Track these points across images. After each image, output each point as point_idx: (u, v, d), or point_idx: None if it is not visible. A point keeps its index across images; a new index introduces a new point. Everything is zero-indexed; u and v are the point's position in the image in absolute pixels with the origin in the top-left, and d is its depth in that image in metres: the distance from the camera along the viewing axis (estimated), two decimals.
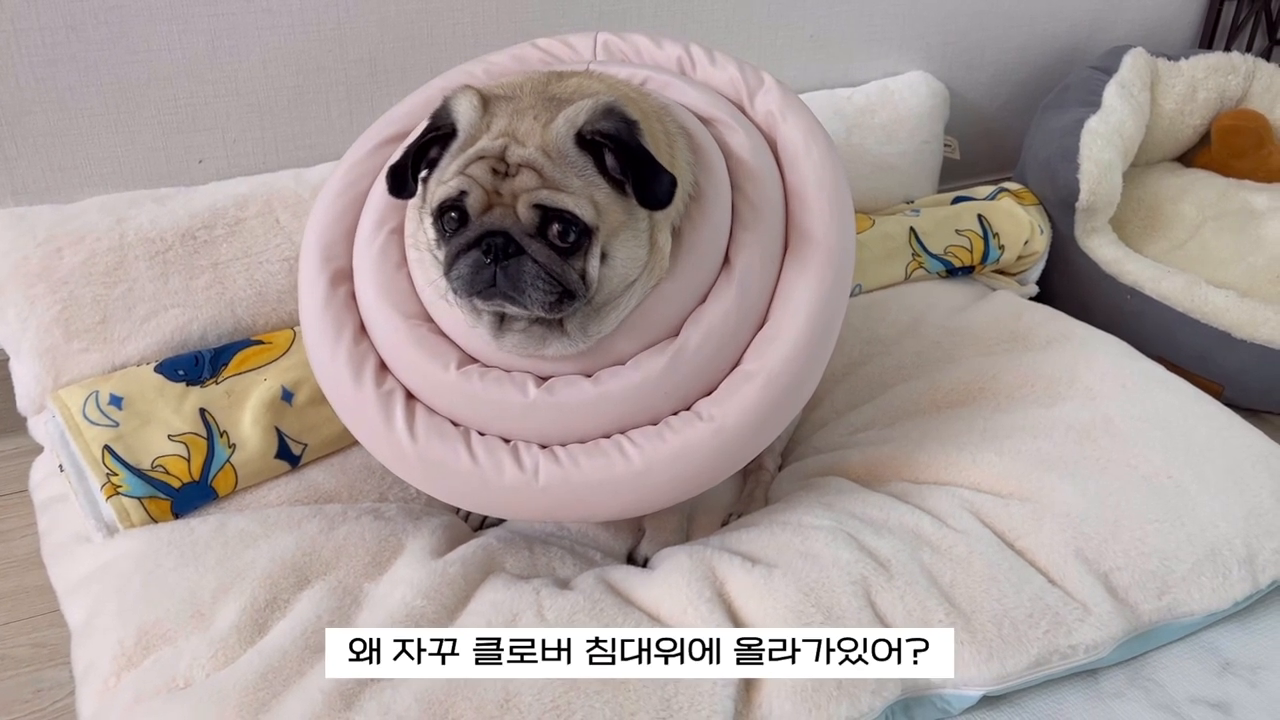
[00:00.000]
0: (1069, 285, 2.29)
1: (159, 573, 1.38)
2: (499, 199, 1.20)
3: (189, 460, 1.52)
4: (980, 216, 2.20)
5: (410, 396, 1.37)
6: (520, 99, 1.25)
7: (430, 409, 1.36)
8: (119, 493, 1.48)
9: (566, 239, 1.20)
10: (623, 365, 1.32)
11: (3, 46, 1.67)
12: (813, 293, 1.36)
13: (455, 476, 1.33)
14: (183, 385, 1.59)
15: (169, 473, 1.50)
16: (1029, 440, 1.58)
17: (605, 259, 1.23)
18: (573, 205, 1.19)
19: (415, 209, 1.37)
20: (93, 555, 1.46)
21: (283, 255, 1.76)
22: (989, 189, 2.34)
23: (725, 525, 1.58)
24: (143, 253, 1.68)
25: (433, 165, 1.27)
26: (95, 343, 1.65)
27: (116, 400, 1.54)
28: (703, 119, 1.43)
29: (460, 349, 1.36)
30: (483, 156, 1.21)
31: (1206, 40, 2.84)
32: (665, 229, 1.29)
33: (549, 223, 1.20)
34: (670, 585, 1.34)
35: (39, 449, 1.70)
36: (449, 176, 1.22)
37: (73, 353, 1.64)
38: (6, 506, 1.79)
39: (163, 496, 1.49)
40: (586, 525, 1.57)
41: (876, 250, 2.11)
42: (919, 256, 2.14)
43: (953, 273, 2.18)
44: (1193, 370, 2.01)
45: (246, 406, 1.58)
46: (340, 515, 1.48)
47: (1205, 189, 2.47)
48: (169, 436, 1.53)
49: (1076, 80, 2.40)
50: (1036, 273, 2.30)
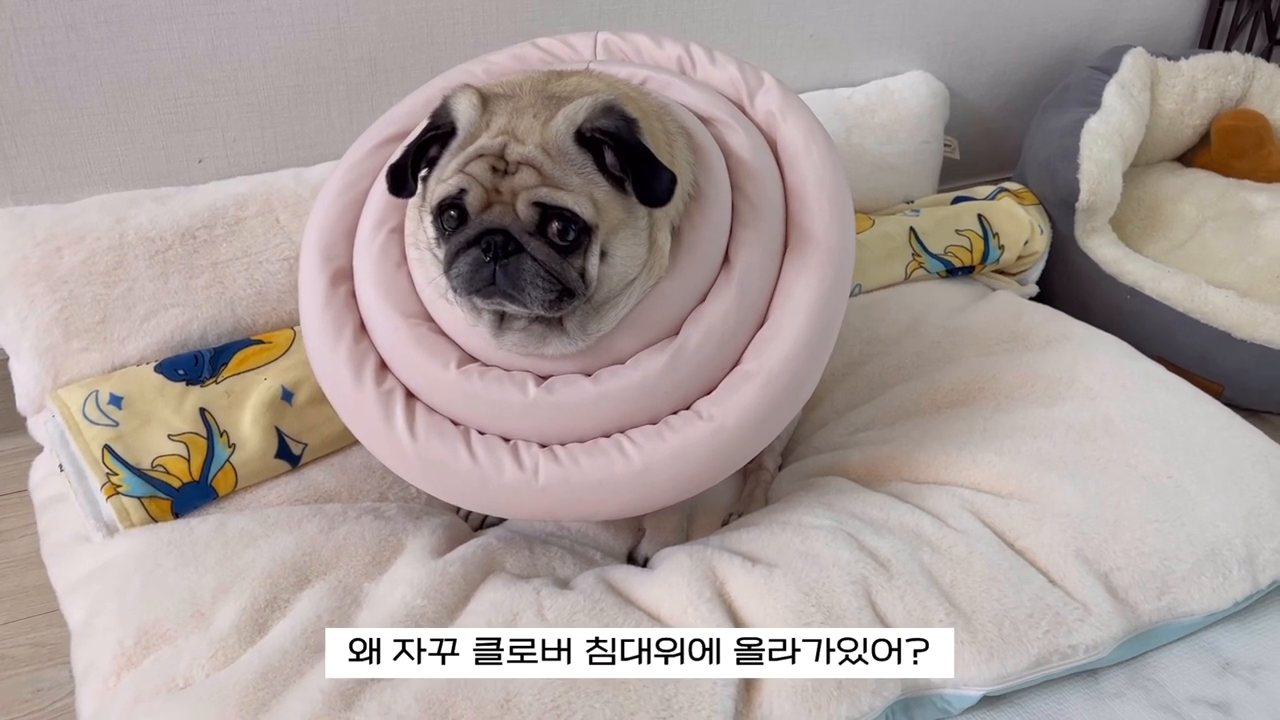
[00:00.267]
0: (1069, 285, 2.29)
1: (159, 572, 1.38)
2: (498, 197, 1.20)
3: (189, 460, 1.52)
4: (980, 216, 2.20)
5: (410, 395, 1.36)
6: (520, 97, 1.25)
7: (430, 408, 1.36)
8: (119, 492, 1.47)
9: (566, 237, 1.20)
10: (622, 364, 1.32)
11: (2, 46, 1.67)
12: (813, 292, 1.36)
13: (455, 476, 1.33)
14: (183, 385, 1.58)
15: (169, 472, 1.50)
16: (1029, 440, 1.58)
17: (605, 257, 1.23)
18: (572, 203, 1.19)
19: (415, 208, 1.36)
20: (92, 555, 1.46)
21: (282, 255, 1.76)
22: (989, 189, 2.34)
23: (725, 525, 1.58)
24: (142, 252, 1.68)
25: (432, 164, 1.27)
26: (95, 342, 1.65)
27: (116, 400, 1.54)
28: (702, 118, 1.43)
29: (460, 348, 1.36)
30: (482, 154, 1.21)
31: (1206, 40, 2.84)
32: (665, 227, 1.29)
33: (548, 220, 1.20)
34: (670, 585, 1.34)
35: (38, 449, 1.70)
36: (448, 175, 1.22)
37: (72, 352, 1.64)
38: (6, 506, 1.79)
39: (163, 496, 1.49)
40: (586, 525, 1.57)
41: (876, 250, 2.11)
42: (919, 256, 2.14)
43: (953, 273, 2.18)
44: (1193, 370, 2.01)
45: (246, 406, 1.58)
46: (340, 515, 1.48)
47: (1205, 189, 2.47)
48: (169, 436, 1.53)
49: (1076, 80, 2.40)
50: (1036, 273, 2.30)
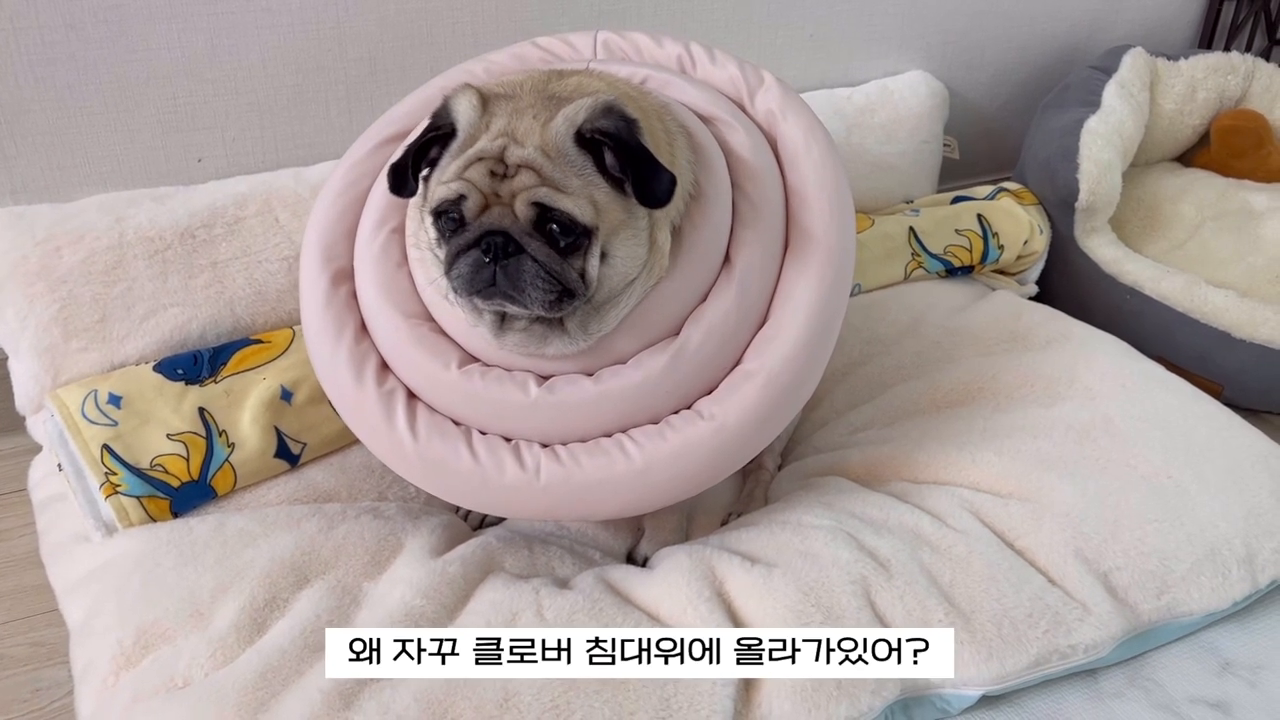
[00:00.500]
0: (1068, 285, 2.29)
1: (158, 572, 1.37)
2: (497, 200, 1.20)
3: (188, 459, 1.52)
4: (980, 216, 2.20)
5: (411, 396, 1.36)
6: (520, 98, 1.25)
7: (431, 408, 1.36)
8: (118, 492, 1.47)
9: (565, 238, 1.20)
10: (623, 364, 1.32)
11: (1, 45, 1.66)
12: (813, 292, 1.36)
13: (456, 475, 1.33)
14: (182, 384, 1.58)
15: (168, 472, 1.50)
16: (1029, 440, 1.58)
17: (605, 258, 1.23)
18: (571, 206, 1.19)
19: (416, 208, 1.36)
20: (91, 554, 1.45)
21: (282, 254, 1.75)
22: (988, 189, 2.34)
23: (725, 525, 1.58)
24: (142, 252, 1.68)
25: (434, 164, 1.27)
26: (94, 342, 1.65)
27: (115, 399, 1.54)
28: (703, 117, 1.43)
29: (461, 348, 1.35)
30: (481, 158, 1.21)
31: (1206, 40, 2.84)
32: (665, 228, 1.29)
33: (547, 221, 1.20)
34: (670, 585, 1.34)
35: (37, 448, 1.70)
36: (448, 178, 1.22)
37: (71, 352, 1.64)
38: (5, 506, 1.79)
39: (161, 496, 1.49)
40: (585, 525, 1.57)
41: (876, 250, 2.11)
42: (918, 256, 2.14)
43: (952, 272, 2.17)
44: (1192, 370, 2.01)
45: (245, 406, 1.57)
46: (339, 514, 1.48)
47: (1205, 189, 2.47)
48: (168, 436, 1.52)
49: (1076, 80, 2.40)
50: (1036, 272, 2.30)
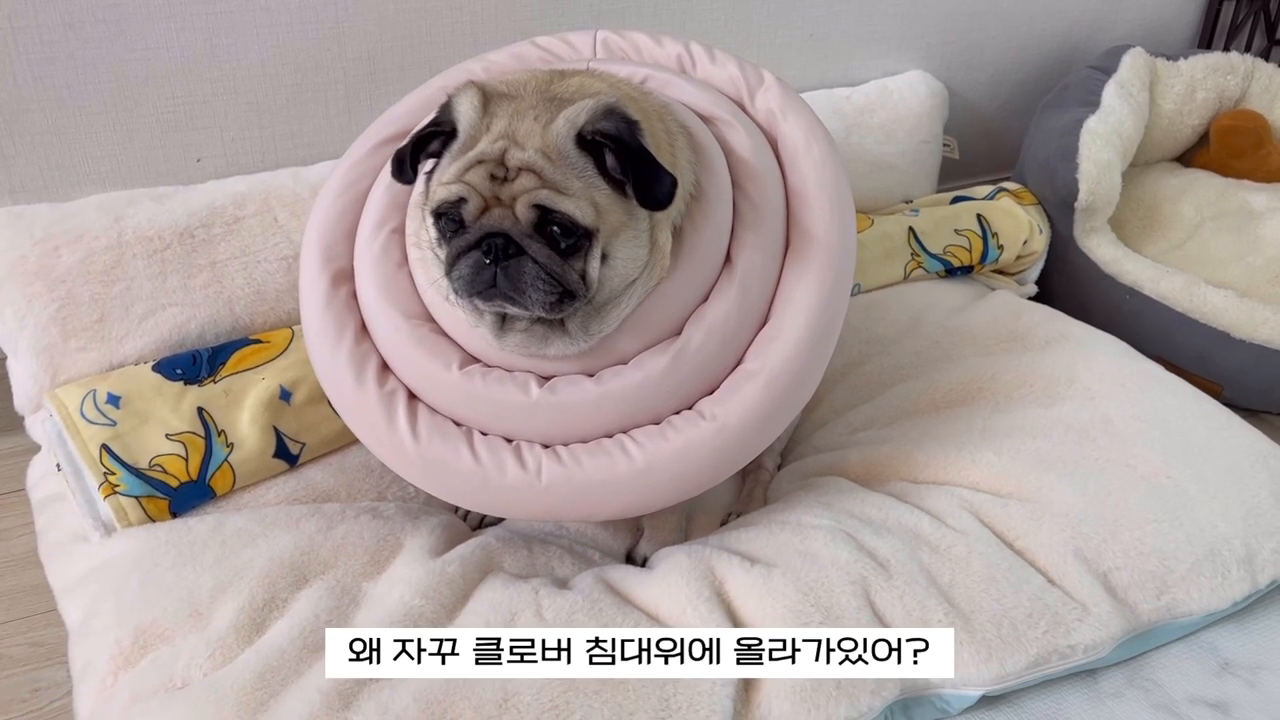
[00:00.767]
0: (1068, 285, 2.29)
1: (156, 572, 1.37)
2: (498, 203, 1.20)
3: (187, 459, 1.51)
4: (979, 216, 2.20)
5: (412, 396, 1.36)
6: (522, 98, 1.25)
7: (432, 409, 1.36)
8: (116, 492, 1.47)
9: (566, 239, 1.20)
10: (625, 365, 1.32)
11: (0, 44, 1.66)
12: (814, 292, 1.36)
13: (457, 476, 1.33)
14: (180, 384, 1.58)
15: (167, 472, 1.50)
16: (1028, 440, 1.57)
17: (606, 259, 1.23)
18: (572, 208, 1.18)
19: (417, 207, 1.36)
20: (90, 554, 1.45)
21: (281, 254, 1.75)
22: (988, 189, 2.34)
23: (724, 525, 1.58)
24: (140, 251, 1.68)
25: (435, 156, 1.27)
26: (93, 341, 1.64)
27: (114, 399, 1.54)
28: (703, 117, 1.43)
29: (462, 349, 1.35)
30: (482, 161, 1.20)
31: (1205, 40, 2.84)
32: (666, 228, 1.29)
33: (548, 223, 1.19)
34: (669, 585, 1.34)
35: (36, 448, 1.70)
36: (449, 179, 1.22)
37: (70, 351, 1.64)
38: (3, 505, 1.79)
39: (160, 496, 1.49)
40: (585, 525, 1.57)
41: (875, 250, 2.11)
42: (918, 256, 2.14)
43: (952, 272, 2.17)
44: (1192, 370, 2.01)
45: (244, 405, 1.57)
46: (338, 514, 1.48)
47: (1204, 189, 2.47)
48: (167, 435, 1.52)
49: (1075, 80, 2.40)
50: (1035, 272, 2.30)
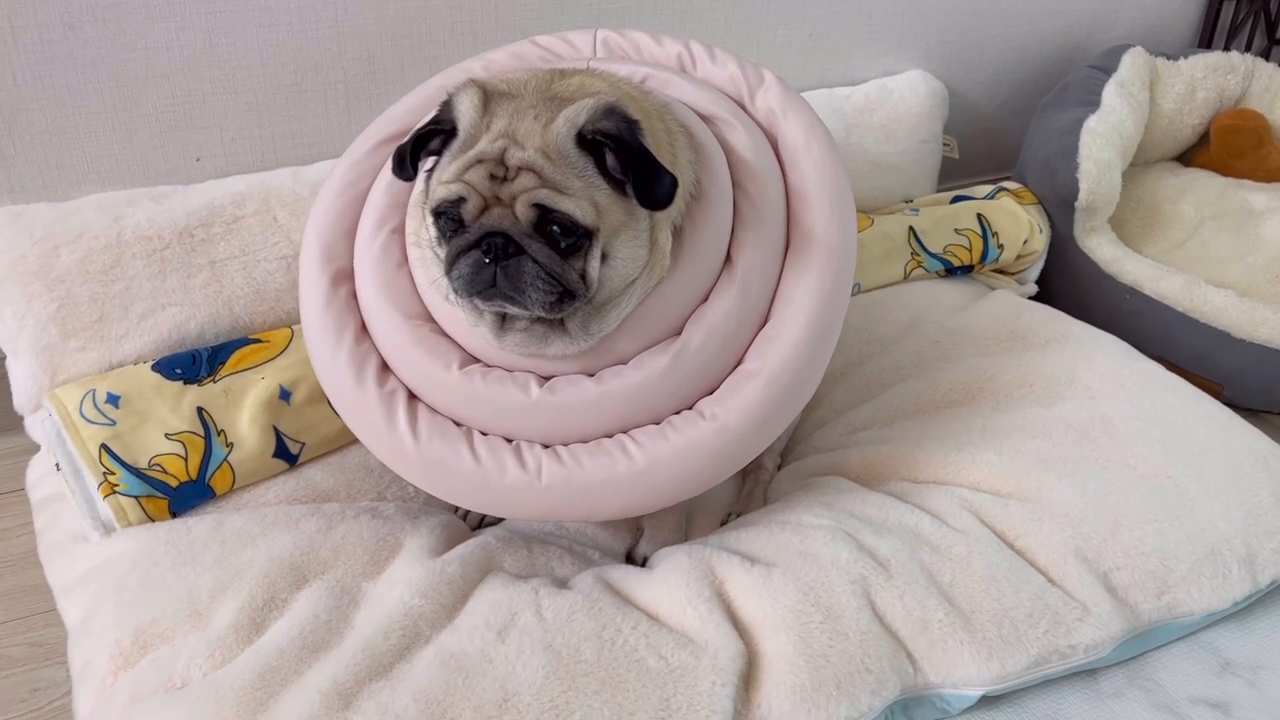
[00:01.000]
0: (1068, 285, 2.29)
1: (156, 572, 1.37)
2: (498, 202, 1.20)
3: (186, 459, 1.51)
4: (979, 216, 2.20)
5: (412, 396, 1.36)
6: (523, 97, 1.24)
7: (432, 409, 1.36)
8: (116, 491, 1.47)
9: (566, 239, 1.19)
10: (625, 364, 1.32)
11: (0, 44, 1.66)
12: (814, 292, 1.36)
13: (457, 476, 1.33)
14: (180, 384, 1.58)
15: (166, 471, 1.50)
16: (1028, 440, 1.57)
17: (606, 259, 1.23)
18: (572, 208, 1.18)
19: (417, 206, 1.36)
20: (89, 554, 1.45)
21: (280, 254, 1.75)
22: (988, 188, 2.34)
23: (724, 525, 1.58)
24: (140, 251, 1.68)
25: (436, 154, 1.27)
26: (92, 341, 1.64)
27: (114, 399, 1.54)
28: (703, 116, 1.43)
29: (462, 349, 1.35)
30: (481, 160, 1.20)
31: (1206, 40, 2.84)
32: (666, 228, 1.29)
33: (548, 222, 1.19)
34: (669, 584, 1.34)
35: (35, 448, 1.70)
36: (448, 178, 1.21)
37: (69, 351, 1.63)
38: (3, 505, 1.78)
39: (160, 495, 1.49)
40: (585, 525, 1.57)
41: (875, 249, 2.11)
42: (918, 255, 2.14)
43: (952, 272, 2.17)
44: (1192, 370, 2.01)
45: (244, 405, 1.57)
46: (338, 514, 1.48)
47: (1204, 189, 2.47)
48: (166, 435, 1.52)
49: (1076, 79, 2.40)
50: (1035, 272, 2.30)
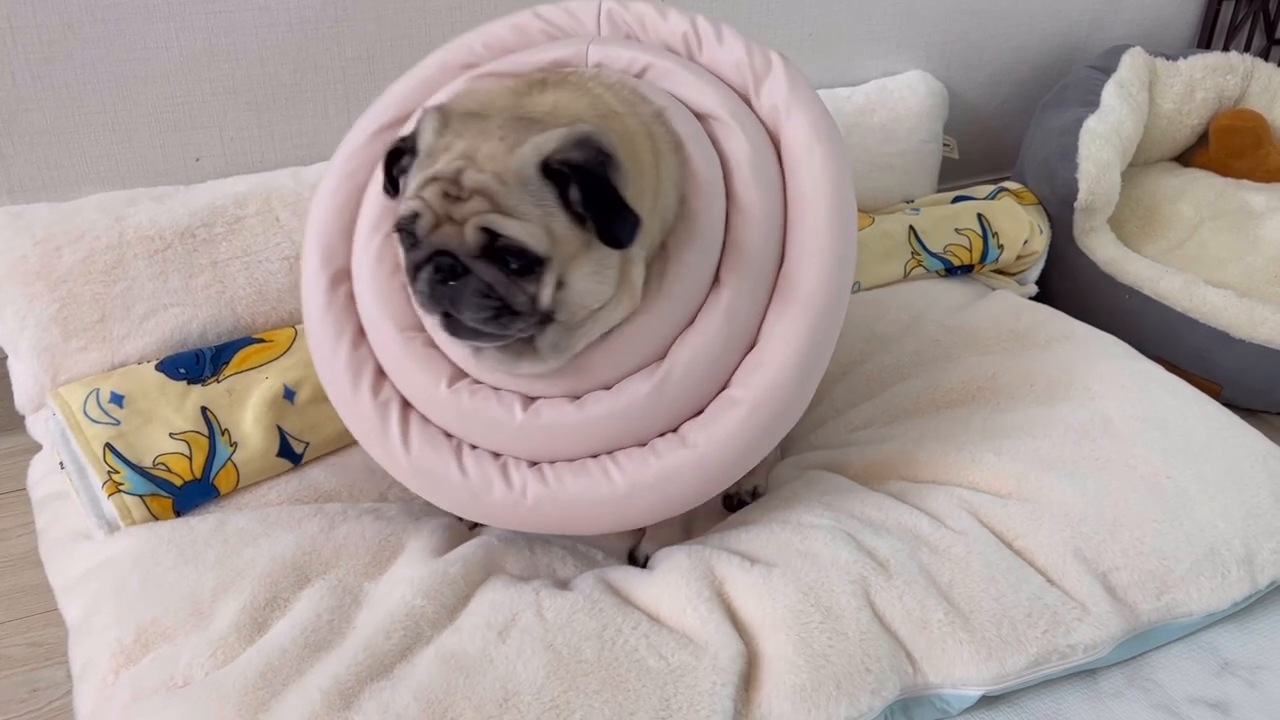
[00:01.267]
0: (1068, 285, 2.29)
1: (158, 571, 1.38)
2: (449, 220, 1.17)
3: (190, 458, 1.52)
4: (980, 216, 2.20)
5: (406, 405, 1.37)
6: (491, 117, 1.21)
7: (425, 419, 1.36)
8: (120, 490, 1.47)
9: (517, 261, 1.16)
10: (608, 390, 1.31)
11: (0, 44, 1.66)
12: (803, 320, 1.32)
13: (446, 487, 1.34)
14: (184, 383, 1.58)
15: (171, 470, 1.50)
16: (1028, 440, 1.58)
17: (563, 285, 1.19)
18: (522, 233, 1.14)
19: None
20: (91, 553, 1.45)
21: (282, 254, 1.75)
22: (988, 188, 2.34)
23: (726, 520, 1.57)
24: (141, 251, 1.68)
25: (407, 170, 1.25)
26: (94, 341, 1.64)
27: (117, 398, 1.54)
28: (703, 115, 1.39)
29: (453, 362, 1.35)
30: (437, 178, 1.17)
31: (1205, 40, 2.84)
32: (639, 264, 1.25)
33: (496, 247, 1.16)
34: (669, 585, 1.34)
35: (36, 447, 1.70)
36: (409, 194, 1.20)
37: (71, 351, 1.64)
38: (3, 505, 1.78)
39: (164, 494, 1.49)
40: None
41: (876, 248, 2.11)
42: (918, 255, 2.14)
43: (952, 271, 2.18)
44: (1191, 370, 2.02)
45: (248, 405, 1.57)
46: (340, 514, 1.48)
47: (1203, 189, 2.47)
48: (170, 435, 1.52)
49: (1075, 80, 2.40)
50: (1036, 272, 2.30)
